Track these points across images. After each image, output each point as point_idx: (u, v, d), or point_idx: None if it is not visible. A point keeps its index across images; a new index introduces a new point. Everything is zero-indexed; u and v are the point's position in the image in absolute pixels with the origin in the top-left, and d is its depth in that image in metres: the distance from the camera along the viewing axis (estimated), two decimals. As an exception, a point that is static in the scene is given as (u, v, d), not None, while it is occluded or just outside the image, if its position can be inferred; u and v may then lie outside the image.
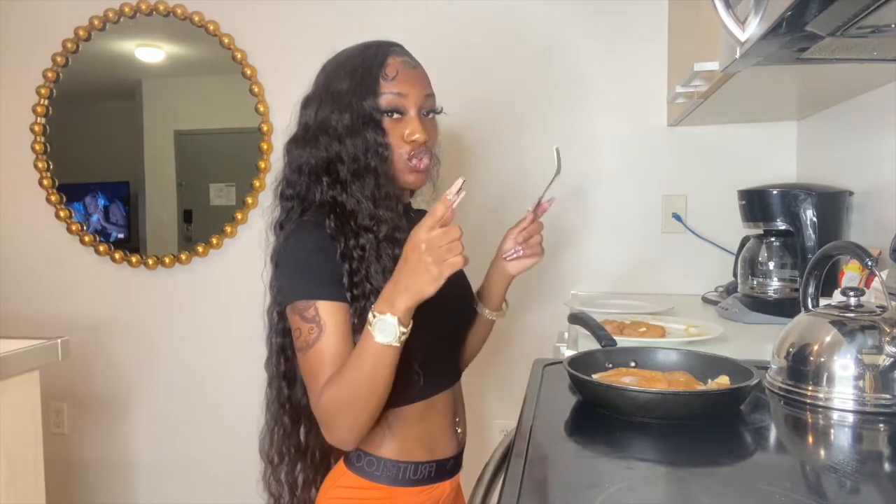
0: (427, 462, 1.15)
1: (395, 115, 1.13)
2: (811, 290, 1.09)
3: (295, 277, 1.09)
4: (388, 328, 0.96)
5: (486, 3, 2.24)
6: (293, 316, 1.07)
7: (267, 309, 1.17)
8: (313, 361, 1.04)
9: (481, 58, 2.24)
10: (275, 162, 2.39)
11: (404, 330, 0.96)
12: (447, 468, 1.18)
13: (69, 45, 2.46)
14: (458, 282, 1.27)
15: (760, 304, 1.69)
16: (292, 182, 1.17)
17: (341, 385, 1.01)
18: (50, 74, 2.48)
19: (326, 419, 1.04)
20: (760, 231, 1.77)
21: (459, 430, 1.23)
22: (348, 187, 1.11)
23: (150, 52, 2.49)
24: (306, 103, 1.18)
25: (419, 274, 0.93)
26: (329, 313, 1.05)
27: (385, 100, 1.12)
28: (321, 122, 1.14)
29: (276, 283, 1.13)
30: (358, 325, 1.06)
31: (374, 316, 0.97)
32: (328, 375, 1.03)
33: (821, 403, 0.96)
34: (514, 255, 1.28)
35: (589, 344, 1.25)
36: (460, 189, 0.94)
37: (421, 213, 1.30)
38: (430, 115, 1.17)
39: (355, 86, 1.12)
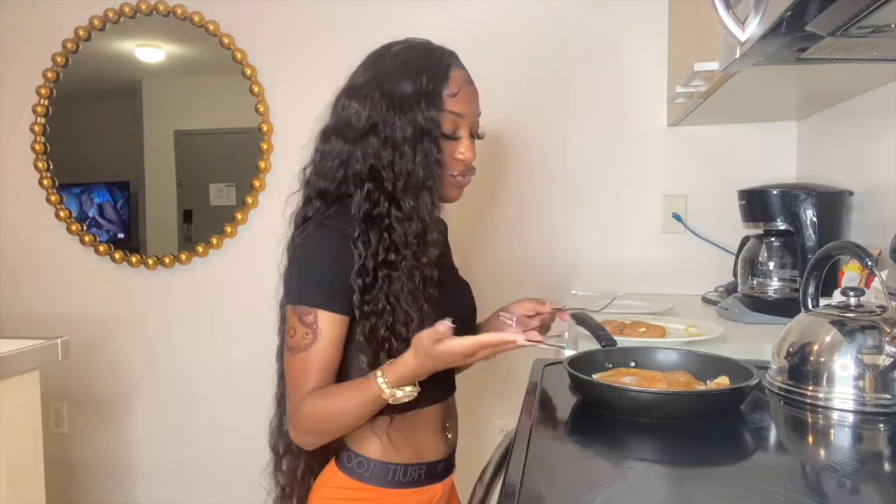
0: (416, 464, 1.15)
1: (451, 134, 1.12)
2: (811, 290, 1.09)
3: (304, 280, 1.08)
4: (409, 395, 1.02)
5: (484, 4, 2.24)
6: (292, 316, 1.07)
7: (280, 301, 1.15)
8: (300, 365, 1.06)
9: (479, 59, 2.21)
10: (275, 162, 2.40)
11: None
12: (437, 470, 1.18)
13: (69, 45, 2.46)
14: (462, 302, 1.26)
15: (760, 304, 1.69)
16: (326, 175, 1.13)
17: (330, 405, 1.05)
18: (50, 74, 2.48)
19: (302, 424, 1.07)
20: (760, 231, 1.77)
21: (450, 436, 1.23)
22: (398, 201, 1.08)
23: (150, 52, 2.49)
24: (354, 94, 1.12)
25: (430, 368, 1.01)
26: (327, 324, 1.06)
27: (446, 118, 1.10)
28: (374, 123, 1.09)
29: (285, 278, 1.12)
30: (364, 343, 1.06)
31: (392, 390, 1.01)
32: (312, 383, 1.05)
33: (821, 403, 0.96)
34: (508, 321, 1.23)
35: (589, 344, 1.24)
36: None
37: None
38: (475, 139, 1.17)
39: (419, 95, 1.08)
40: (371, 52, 1.16)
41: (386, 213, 1.08)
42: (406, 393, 1.02)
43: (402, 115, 1.08)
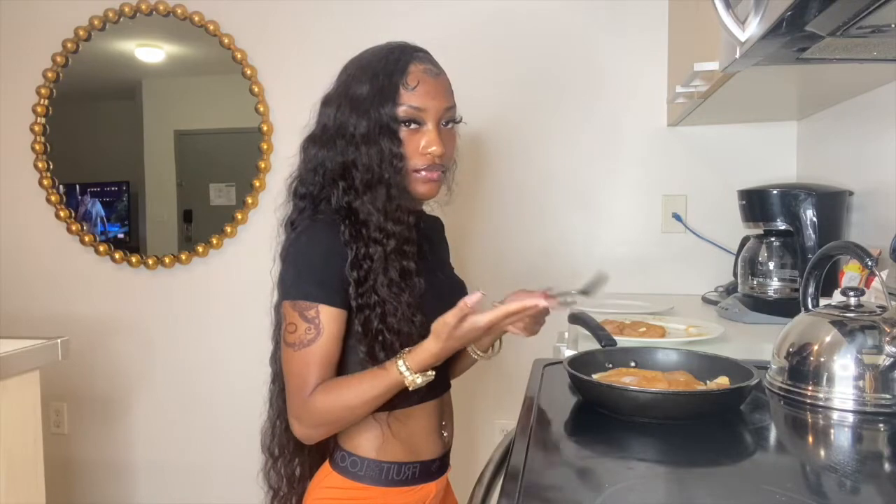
0: (410, 463, 1.15)
1: (413, 126, 1.11)
2: (811, 290, 1.09)
3: (302, 276, 1.09)
4: (427, 379, 1.04)
5: (484, 5, 2.24)
6: (292, 312, 1.07)
7: (274, 305, 1.16)
8: (302, 361, 1.06)
9: (479, 60, 2.24)
10: (275, 162, 2.40)
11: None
12: (432, 469, 1.19)
13: (69, 45, 2.46)
14: (458, 299, 1.26)
15: (760, 304, 1.69)
16: (306, 181, 1.17)
17: (344, 397, 1.05)
18: (50, 74, 2.48)
19: (310, 418, 1.07)
20: (760, 231, 1.77)
21: (445, 434, 1.23)
22: (361, 196, 1.11)
23: (150, 52, 2.49)
24: (326, 102, 1.17)
25: (452, 348, 1.03)
26: (329, 318, 1.06)
27: (403, 111, 1.10)
28: (339, 125, 1.13)
29: (282, 276, 1.13)
30: (361, 335, 1.07)
31: (414, 376, 1.02)
32: (316, 378, 1.06)
33: (821, 403, 0.96)
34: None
35: (589, 344, 1.24)
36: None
37: (432, 219, 1.31)
38: (450, 126, 1.16)
39: (374, 92, 1.10)
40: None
41: (360, 208, 1.11)
42: (426, 377, 1.04)
43: (361, 115, 1.10)
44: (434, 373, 1.05)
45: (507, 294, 1.24)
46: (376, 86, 1.10)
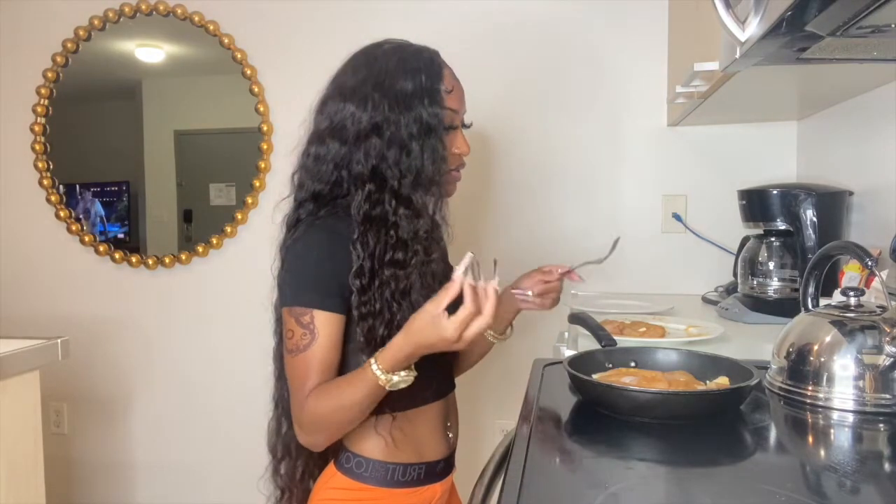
0: (416, 464, 1.15)
1: (448, 130, 1.13)
2: (811, 290, 1.09)
3: (297, 281, 1.08)
4: (405, 380, 1.00)
5: (484, 4, 2.24)
6: (289, 318, 1.07)
7: (275, 303, 1.15)
8: (300, 366, 1.06)
9: (479, 59, 2.23)
10: (275, 162, 2.40)
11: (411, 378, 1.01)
12: (437, 470, 1.19)
13: (69, 45, 2.46)
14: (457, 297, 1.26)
15: (760, 304, 1.69)
16: (320, 177, 1.12)
17: (332, 401, 1.04)
18: (50, 74, 2.48)
19: (307, 424, 1.06)
20: (760, 231, 1.77)
21: (451, 435, 1.23)
22: (406, 198, 1.07)
23: (150, 52, 2.49)
24: (347, 95, 1.10)
25: (417, 342, 0.97)
26: (324, 323, 1.05)
27: (446, 114, 1.11)
28: (376, 123, 1.07)
29: (279, 281, 1.12)
30: (363, 343, 1.06)
31: (388, 375, 0.99)
32: (314, 382, 1.05)
33: (821, 403, 0.96)
34: (524, 297, 1.26)
35: (589, 344, 1.25)
36: (469, 267, 0.96)
37: None
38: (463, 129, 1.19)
39: (421, 92, 1.08)
40: (355, 53, 1.16)
41: (392, 211, 1.07)
42: (402, 378, 0.99)
43: (406, 113, 1.07)
44: (413, 373, 1.01)
45: (521, 277, 1.29)
46: (419, 85, 1.08)
